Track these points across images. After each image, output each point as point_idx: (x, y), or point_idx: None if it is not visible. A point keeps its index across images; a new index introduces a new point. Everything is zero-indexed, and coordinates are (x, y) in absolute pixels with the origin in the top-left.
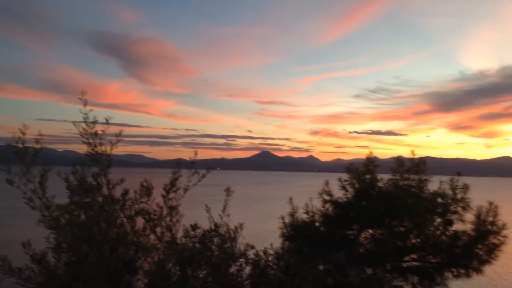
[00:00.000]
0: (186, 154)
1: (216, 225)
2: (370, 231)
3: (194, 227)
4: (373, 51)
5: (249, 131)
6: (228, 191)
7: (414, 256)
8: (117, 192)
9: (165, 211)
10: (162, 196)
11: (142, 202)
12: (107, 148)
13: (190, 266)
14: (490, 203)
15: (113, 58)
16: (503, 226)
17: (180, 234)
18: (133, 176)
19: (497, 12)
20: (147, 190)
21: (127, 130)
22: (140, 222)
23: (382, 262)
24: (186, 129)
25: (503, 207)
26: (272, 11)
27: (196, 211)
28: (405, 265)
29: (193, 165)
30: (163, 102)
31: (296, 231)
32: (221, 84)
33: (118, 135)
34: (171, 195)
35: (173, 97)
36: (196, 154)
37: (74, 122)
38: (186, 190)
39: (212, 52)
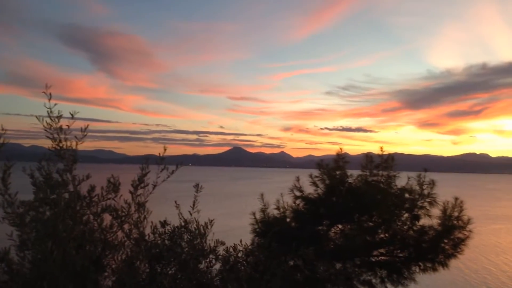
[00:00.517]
0: (157, 149)
1: (185, 221)
2: (340, 226)
3: (164, 223)
4: (344, 49)
5: (221, 127)
6: (197, 187)
7: (382, 250)
8: (84, 189)
9: (133, 208)
10: (130, 192)
11: (109, 199)
12: (72, 143)
13: (159, 263)
14: (456, 199)
15: (82, 52)
16: (468, 221)
17: (149, 231)
18: (102, 172)
19: (464, 12)
20: (114, 186)
21: (96, 125)
22: (107, 219)
23: (351, 257)
24: (157, 125)
25: (468, 202)
26: (244, 8)
27: (167, 208)
28: (373, 260)
29: (162, 160)
30: (133, 97)
31: (267, 227)
32: (193, 80)
33: (84, 130)
34: (140, 191)
35: (143, 92)
36: (165, 149)
37: (38, 117)
38: (154, 186)
39: (184, 47)
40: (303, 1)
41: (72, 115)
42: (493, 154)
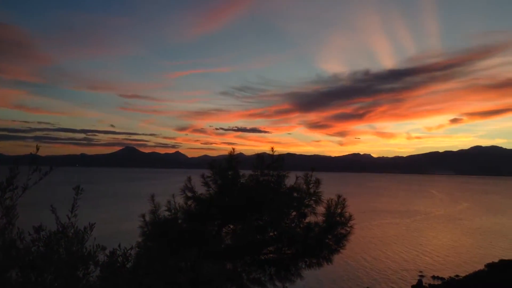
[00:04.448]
0: (40, 149)
1: (63, 226)
2: (232, 226)
3: (38, 229)
4: (239, 50)
5: (112, 125)
6: (77, 190)
7: (271, 248)
8: None
9: None
10: None
11: None
12: None
13: (33, 272)
14: (339, 196)
15: None
16: (350, 217)
17: (22, 237)
18: None
19: (349, 21)
20: None
21: None
22: None
23: (242, 255)
24: (39, 122)
25: (350, 200)
26: (137, 2)
27: (46, 212)
28: (263, 258)
29: (34, 161)
30: (11, 91)
31: (158, 229)
32: (80, 75)
33: None
34: (8, 194)
35: (24, 86)
36: (38, 148)
37: None
38: (25, 189)
39: (70, 39)
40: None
41: None
42: (375, 154)
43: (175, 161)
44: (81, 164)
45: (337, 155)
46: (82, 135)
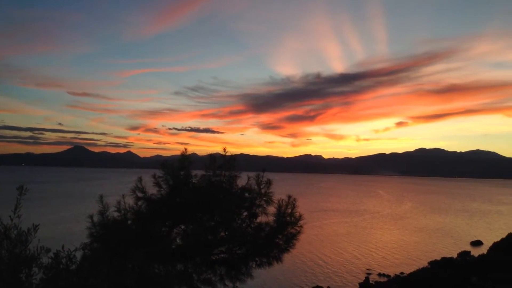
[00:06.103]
0: None
1: (5, 227)
2: (183, 226)
3: None
4: (193, 50)
5: (60, 124)
6: (21, 190)
7: (222, 248)
8: None
9: None
10: None
11: None
12: None
13: None
14: (289, 197)
15: None
16: (300, 217)
17: None
18: None
19: (301, 25)
20: None
21: None
22: None
23: (192, 256)
24: None
25: (301, 200)
26: None
27: None
28: (214, 258)
29: None
30: None
31: (106, 230)
32: (27, 71)
33: None
34: None
35: None
36: None
37: None
38: None
39: (17, 35)
40: None
41: None
42: (326, 155)
43: (127, 161)
44: (27, 163)
45: (289, 156)
46: (28, 133)
